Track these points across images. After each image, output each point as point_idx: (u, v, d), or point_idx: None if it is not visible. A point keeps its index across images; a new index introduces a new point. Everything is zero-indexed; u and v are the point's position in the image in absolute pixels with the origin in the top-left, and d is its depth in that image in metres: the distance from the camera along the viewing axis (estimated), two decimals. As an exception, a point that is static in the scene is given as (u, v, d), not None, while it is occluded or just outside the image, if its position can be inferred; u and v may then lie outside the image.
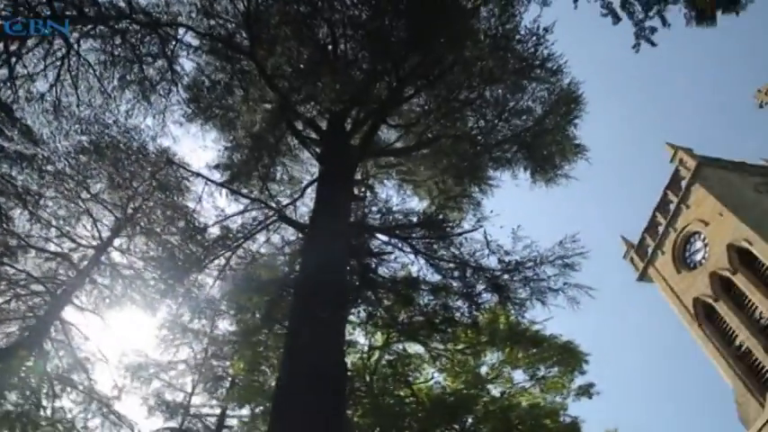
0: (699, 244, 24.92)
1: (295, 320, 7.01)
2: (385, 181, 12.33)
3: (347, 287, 8.62)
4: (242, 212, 10.66)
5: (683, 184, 26.22)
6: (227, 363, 19.05)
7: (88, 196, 17.05)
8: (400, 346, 14.43)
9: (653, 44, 9.50)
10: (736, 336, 22.11)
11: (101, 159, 15.08)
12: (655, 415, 76.37)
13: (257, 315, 11.76)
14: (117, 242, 18.53)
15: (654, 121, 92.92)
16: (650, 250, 27.72)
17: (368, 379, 14.33)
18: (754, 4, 8.26)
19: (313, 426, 5.39)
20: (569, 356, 16.16)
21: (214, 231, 10.99)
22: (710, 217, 24.01)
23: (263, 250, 11.74)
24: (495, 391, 16.11)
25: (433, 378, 15.38)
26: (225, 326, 18.72)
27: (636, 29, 9.62)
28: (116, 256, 18.78)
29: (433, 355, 13.10)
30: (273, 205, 10.71)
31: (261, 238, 11.32)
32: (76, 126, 11.89)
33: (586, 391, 16.79)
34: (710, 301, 23.35)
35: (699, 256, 24.74)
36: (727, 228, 22.89)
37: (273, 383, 11.45)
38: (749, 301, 21.70)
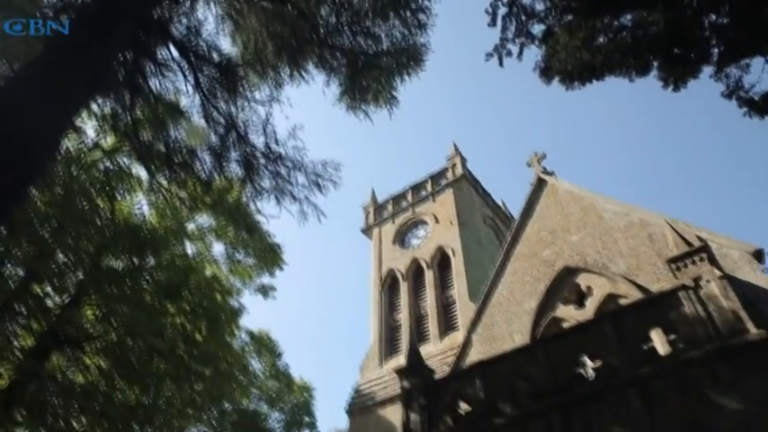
0: (422, 233, 28.48)
1: (30, 72, 6.02)
2: (211, 4, 11.18)
3: (108, 74, 7.70)
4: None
5: (443, 182, 29.59)
6: None
7: None
8: (126, 161, 13.45)
9: (501, 64, 10.44)
10: (399, 311, 26.12)
11: None
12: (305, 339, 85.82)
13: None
14: None
15: (463, 121, 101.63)
16: (386, 214, 30.77)
17: (74, 173, 13.00)
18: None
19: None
20: (270, 256, 17.13)
21: None
22: (443, 218, 27.62)
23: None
24: (190, 249, 16.25)
25: (140, 207, 14.73)
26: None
27: (499, 42, 10.43)
28: None
29: (154, 187, 12.50)
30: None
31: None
32: None
33: (267, 291, 18.06)
34: (399, 277, 27.03)
35: (415, 242, 28.30)
36: (448, 234, 26.63)
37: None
38: (424, 292, 25.75)
